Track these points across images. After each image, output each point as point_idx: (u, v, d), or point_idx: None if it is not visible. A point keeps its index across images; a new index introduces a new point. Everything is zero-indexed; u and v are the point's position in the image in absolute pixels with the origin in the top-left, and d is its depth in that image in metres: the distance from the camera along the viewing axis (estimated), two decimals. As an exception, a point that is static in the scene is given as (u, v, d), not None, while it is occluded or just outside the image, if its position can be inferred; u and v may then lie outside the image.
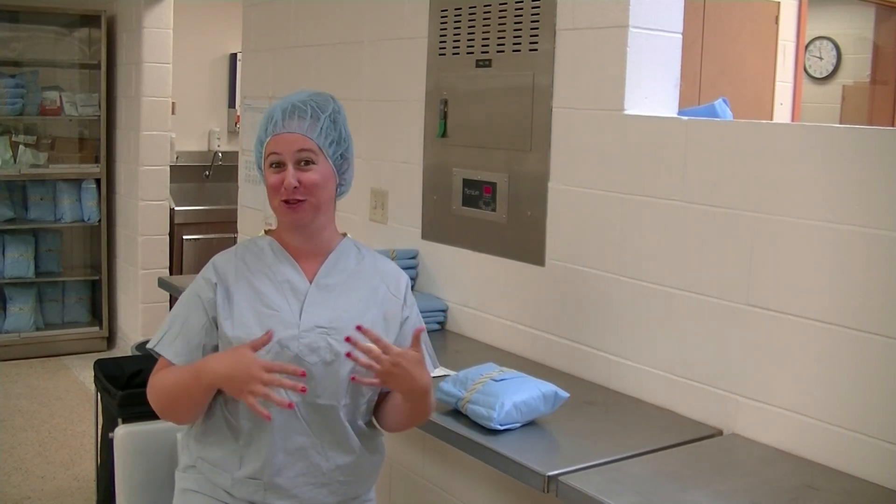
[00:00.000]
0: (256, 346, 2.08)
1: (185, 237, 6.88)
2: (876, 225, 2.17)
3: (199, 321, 2.21)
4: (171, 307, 6.52)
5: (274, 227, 2.36)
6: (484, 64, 3.29)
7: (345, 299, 2.26)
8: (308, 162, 2.19)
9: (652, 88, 2.83)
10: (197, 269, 2.37)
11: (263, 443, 2.18)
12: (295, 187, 2.17)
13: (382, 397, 2.34)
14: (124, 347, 6.80)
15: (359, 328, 2.08)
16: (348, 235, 2.38)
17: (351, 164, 2.31)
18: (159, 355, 2.24)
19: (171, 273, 6.73)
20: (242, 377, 2.04)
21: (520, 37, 3.14)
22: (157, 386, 2.21)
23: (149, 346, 2.26)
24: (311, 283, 2.26)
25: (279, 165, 2.19)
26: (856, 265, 2.21)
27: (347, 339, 2.08)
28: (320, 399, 2.20)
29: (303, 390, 2.05)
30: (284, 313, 2.21)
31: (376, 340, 2.07)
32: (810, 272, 2.31)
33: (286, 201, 2.19)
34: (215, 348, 2.21)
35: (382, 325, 2.28)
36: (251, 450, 2.19)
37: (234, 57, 7.39)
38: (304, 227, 2.25)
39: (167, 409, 2.22)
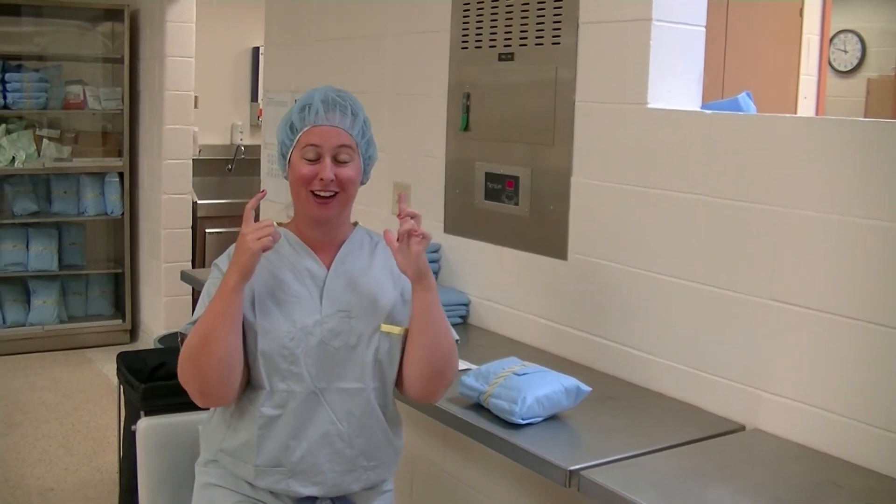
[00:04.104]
0: (252, 206, 2.16)
1: (207, 230, 6.90)
2: (902, 219, 2.15)
3: None
4: (193, 300, 6.57)
5: (286, 220, 2.37)
6: (506, 57, 3.28)
7: (362, 283, 2.28)
8: (345, 158, 2.21)
9: (675, 82, 2.82)
10: (219, 263, 2.37)
11: (287, 430, 2.19)
12: (331, 180, 2.18)
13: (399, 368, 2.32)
14: (147, 340, 6.83)
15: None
16: (359, 224, 2.39)
17: (374, 163, 2.34)
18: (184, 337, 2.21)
19: (193, 266, 6.75)
20: (239, 245, 2.11)
21: (542, 30, 3.13)
22: (189, 338, 2.15)
23: (180, 329, 2.25)
24: (328, 270, 2.28)
25: (314, 157, 2.20)
26: (881, 260, 2.20)
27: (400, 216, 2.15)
28: (346, 383, 2.22)
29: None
30: (305, 300, 2.23)
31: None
32: (834, 267, 2.29)
33: (316, 195, 2.20)
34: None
35: (402, 305, 2.29)
36: (274, 437, 2.20)
37: (256, 51, 7.41)
38: (328, 221, 2.26)
39: (201, 357, 2.11)
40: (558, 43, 3.07)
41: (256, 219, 2.14)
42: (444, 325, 2.25)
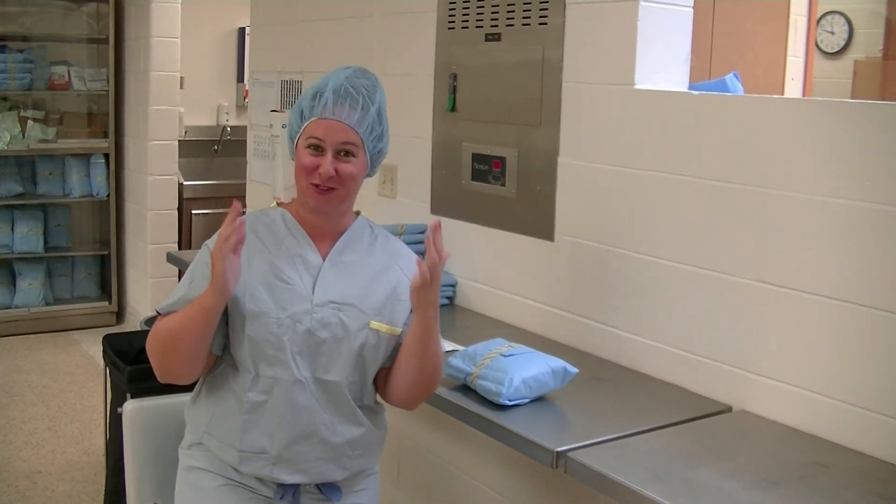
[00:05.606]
0: (229, 220, 2.05)
1: (193, 212, 6.89)
2: (887, 201, 2.15)
3: (206, 283, 2.15)
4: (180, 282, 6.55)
5: (286, 200, 2.35)
6: (493, 38, 3.27)
7: (357, 276, 2.26)
8: (348, 153, 2.19)
9: (663, 63, 2.81)
10: (206, 245, 2.35)
11: (272, 417, 2.18)
12: (330, 176, 2.16)
13: (386, 372, 2.32)
14: (133, 322, 6.82)
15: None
16: (362, 214, 2.37)
17: (384, 157, 2.31)
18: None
19: (179, 248, 6.73)
20: (213, 262, 2.04)
21: (529, 11, 3.11)
22: (160, 327, 2.17)
23: (157, 307, 2.25)
24: (324, 259, 2.25)
25: (318, 149, 2.18)
26: (866, 241, 2.20)
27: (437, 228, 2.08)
28: (329, 375, 2.20)
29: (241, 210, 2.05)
30: (297, 287, 2.20)
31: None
32: (821, 248, 2.29)
33: (316, 185, 2.18)
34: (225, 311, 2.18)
35: (395, 302, 2.28)
36: (259, 424, 2.19)
37: (242, 31, 7.37)
38: (325, 213, 2.25)
39: (167, 349, 2.15)
40: (545, 23, 3.06)
41: (246, 206, 2.13)
42: (436, 350, 2.23)
